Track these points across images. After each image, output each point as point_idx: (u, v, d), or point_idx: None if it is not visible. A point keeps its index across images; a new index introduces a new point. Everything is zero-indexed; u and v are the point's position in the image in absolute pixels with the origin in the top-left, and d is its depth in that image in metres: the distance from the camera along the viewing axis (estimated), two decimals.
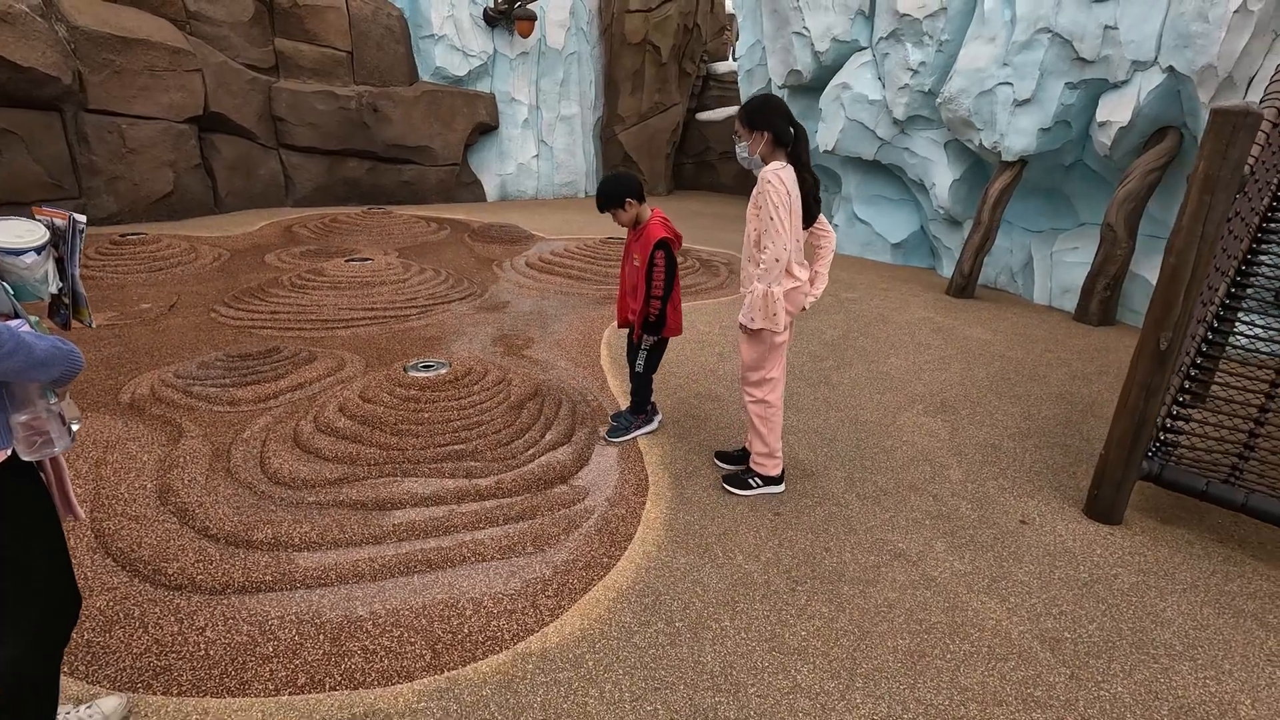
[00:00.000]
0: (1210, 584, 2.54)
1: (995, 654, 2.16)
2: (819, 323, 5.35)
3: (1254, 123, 2.36)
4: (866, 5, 7.18)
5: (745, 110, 2.72)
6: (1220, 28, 4.75)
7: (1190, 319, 2.68)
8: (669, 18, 11.87)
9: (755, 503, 2.92)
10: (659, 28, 11.87)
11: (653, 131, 12.64)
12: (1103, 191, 6.06)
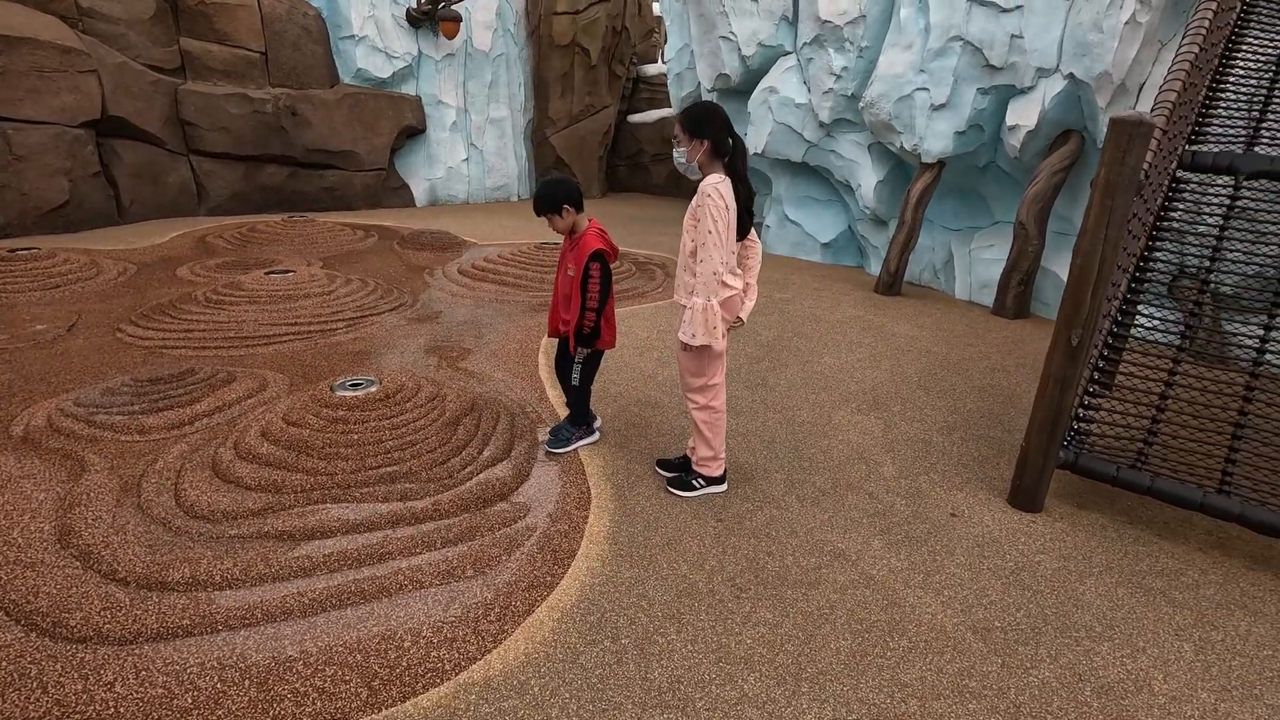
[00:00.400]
0: (1123, 565, 2.70)
1: (932, 648, 2.23)
2: (755, 324, 5.43)
3: (1147, 131, 2.52)
4: (790, 11, 7.34)
5: (687, 117, 2.72)
6: (1114, 38, 5.07)
7: (1098, 315, 2.84)
8: (597, 20, 11.84)
9: (698, 509, 2.93)
10: (587, 30, 11.83)
11: (584, 134, 12.58)
12: (1014, 191, 6.38)
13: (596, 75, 12.42)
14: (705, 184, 2.69)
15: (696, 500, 3.00)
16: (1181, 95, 3.31)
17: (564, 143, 12.50)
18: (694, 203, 2.73)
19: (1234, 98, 4.18)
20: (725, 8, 7.51)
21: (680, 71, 9.04)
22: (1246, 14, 4.49)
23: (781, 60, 7.54)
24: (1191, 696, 2.09)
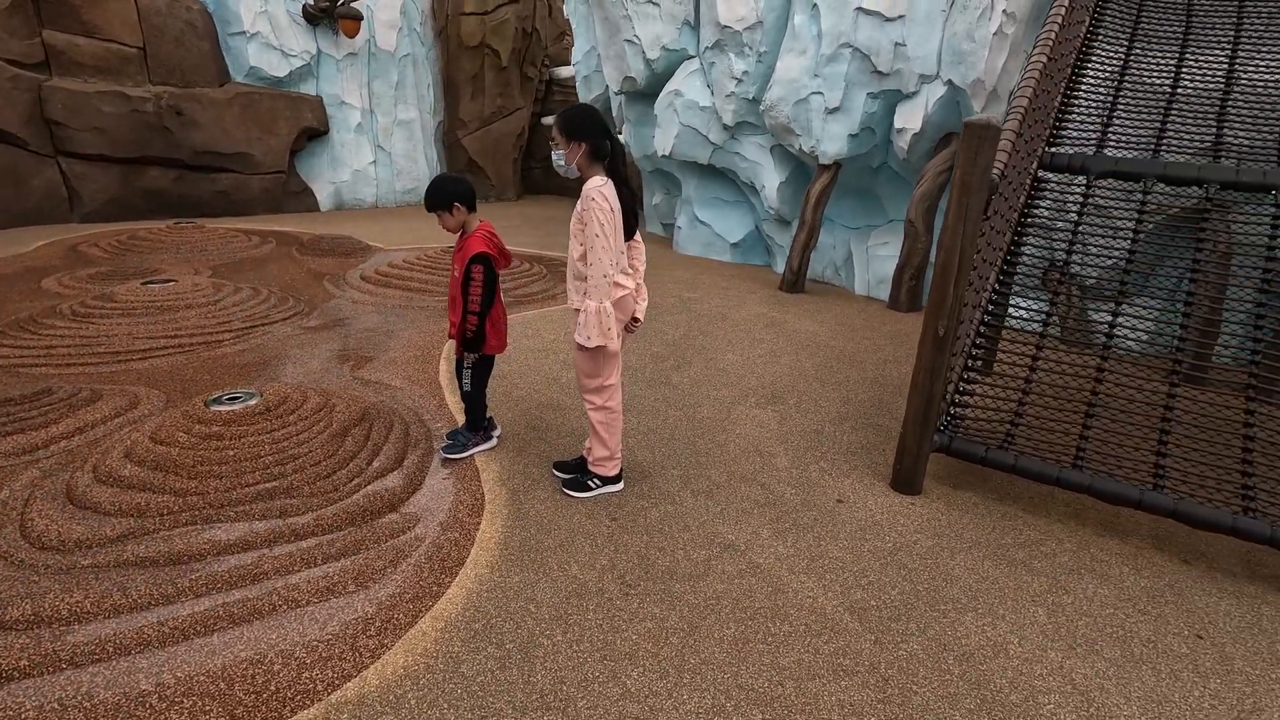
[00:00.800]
0: (990, 539, 2.89)
1: (811, 630, 2.31)
2: (662, 324, 5.50)
3: (995, 134, 2.71)
4: (692, 16, 7.47)
5: (564, 119, 2.73)
6: (984, 47, 5.42)
7: (961, 306, 3.03)
8: (506, 21, 11.70)
9: (593, 510, 2.94)
10: (496, 31, 11.67)
11: (497, 136, 12.41)
12: (905, 191, 6.71)
13: (508, 77, 12.27)
14: (588, 187, 2.71)
15: (592, 500, 3.00)
16: (1034, 101, 3.57)
17: (477, 145, 12.29)
18: (579, 207, 2.74)
19: (1086, 103, 4.55)
20: (629, 12, 7.57)
21: (588, 74, 9.06)
22: (1095, 27, 4.89)
23: (686, 64, 7.66)
24: (1042, 657, 2.25)
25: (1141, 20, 4.93)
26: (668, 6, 7.44)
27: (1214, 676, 2.21)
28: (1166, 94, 4.44)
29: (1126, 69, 4.66)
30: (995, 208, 3.31)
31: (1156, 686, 2.15)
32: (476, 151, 12.27)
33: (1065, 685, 2.13)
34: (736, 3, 6.81)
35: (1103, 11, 4.98)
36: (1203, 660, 2.27)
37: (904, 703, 2.04)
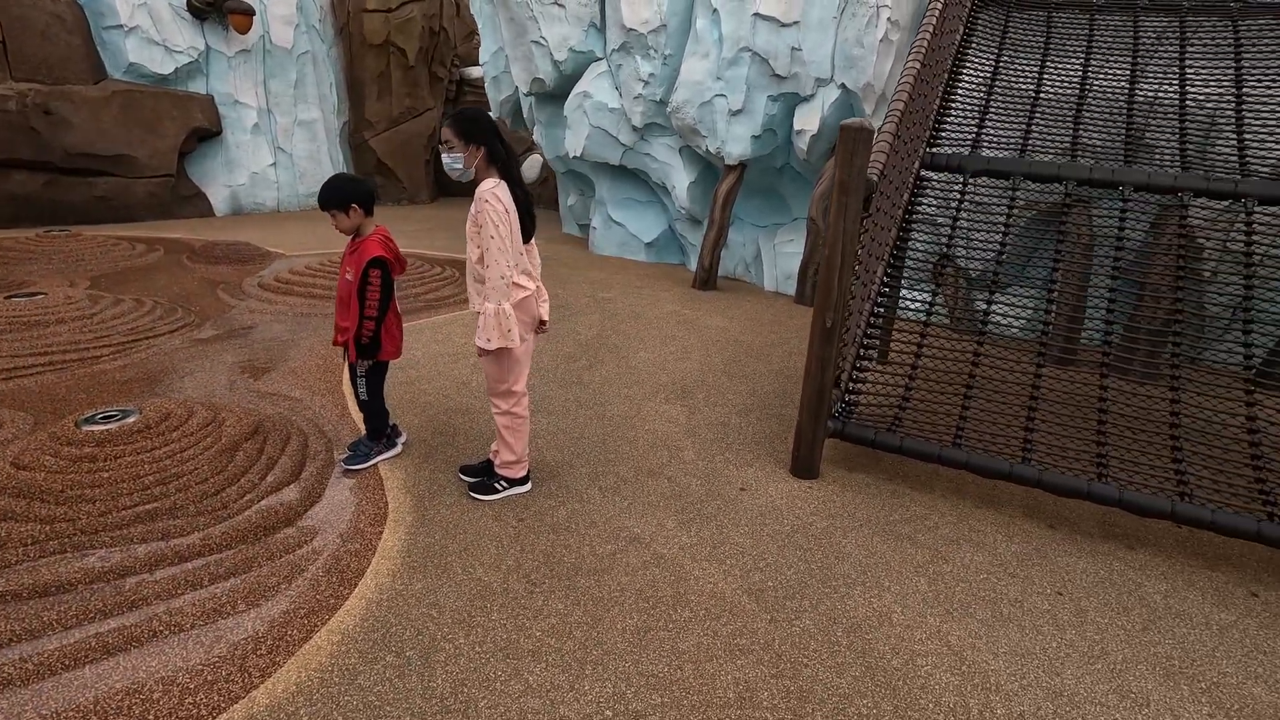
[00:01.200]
0: (880, 517, 3.07)
1: (711, 614, 2.39)
2: (575, 324, 5.52)
3: (868, 137, 2.88)
4: (598, 18, 7.52)
5: (459, 122, 2.72)
6: (872, 53, 5.72)
7: (848, 299, 3.20)
8: (412, 19, 11.42)
9: (500, 511, 2.93)
10: (402, 29, 11.37)
11: (407, 137, 12.10)
12: (807, 190, 6.99)
13: (416, 76, 11.98)
14: (482, 189, 2.71)
15: (499, 502, 3.00)
16: (910, 105, 3.81)
17: (385, 146, 11.94)
18: (473, 210, 2.73)
19: (962, 107, 4.88)
20: (534, 13, 7.54)
21: (497, 75, 8.97)
22: (969, 36, 5.25)
23: (594, 65, 7.70)
24: (922, 622, 2.41)
25: (1009, 30, 5.33)
26: (573, 8, 7.46)
27: (1070, 628, 2.43)
28: (1031, 98, 4.81)
29: (997, 75, 5.02)
30: (877, 205, 3.51)
31: (1021, 641, 2.35)
32: (385, 153, 11.93)
33: (941, 647, 2.30)
34: (640, 6, 6.90)
35: (975, 22, 5.35)
36: (1061, 614, 2.50)
37: (795, 675, 2.14)
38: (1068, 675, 2.21)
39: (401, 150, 12.09)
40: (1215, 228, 4.44)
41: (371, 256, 2.95)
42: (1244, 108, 4.35)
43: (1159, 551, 2.93)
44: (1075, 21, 5.29)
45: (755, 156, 6.72)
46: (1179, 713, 2.09)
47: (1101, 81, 4.78)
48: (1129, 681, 2.20)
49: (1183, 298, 3.86)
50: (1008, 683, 2.16)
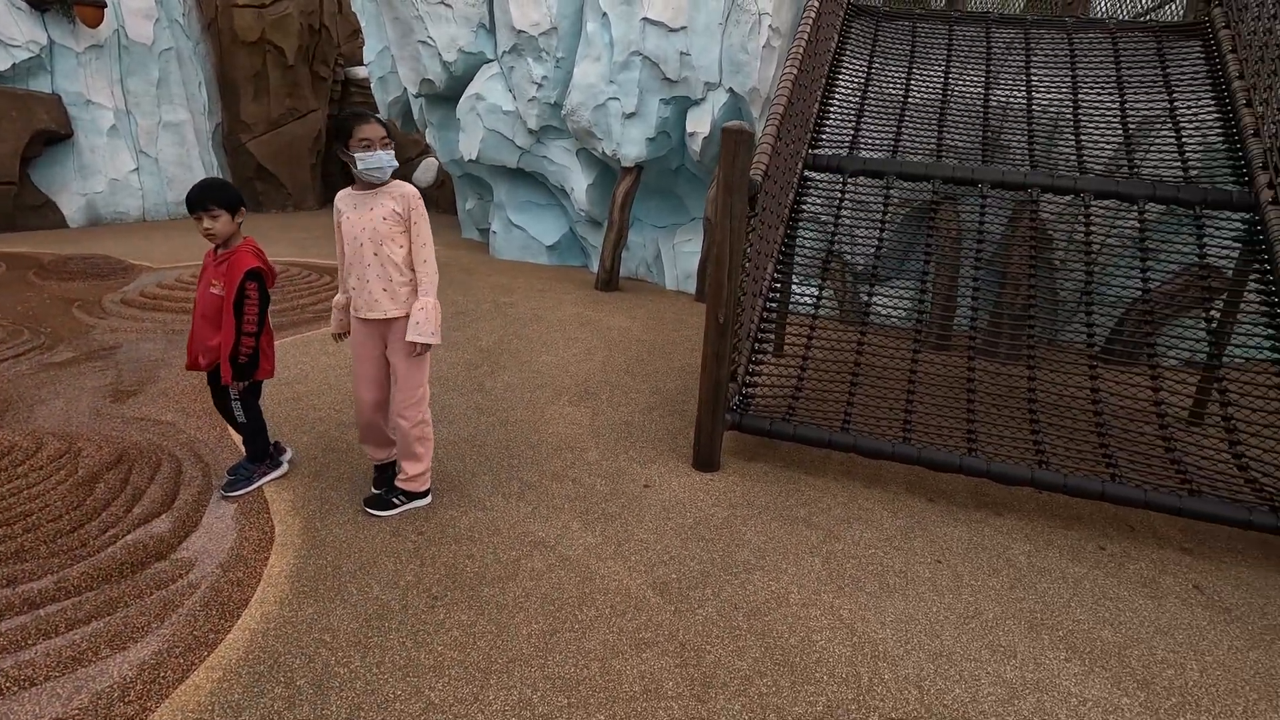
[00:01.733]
0: (777, 503, 3.19)
1: (616, 611, 2.42)
2: (476, 330, 5.41)
3: (748, 139, 3.00)
4: (487, 19, 7.40)
5: (382, 121, 2.68)
6: (756, 58, 5.94)
7: (739, 296, 3.31)
8: (288, 16, 10.81)
9: (399, 526, 2.84)
10: (278, 26, 10.75)
11: (290, 139, 11.44)
12: (703, 190, 7.17)
13: (296, 76, 11.35)
14: (408, 189, 2.73)
15: (397, 518, 2.90)
16: (790, 108, 3.99)
17: (266, 150, 11.25)
18: (398, 208, 2.70)
19: (840, 110, 5.16)
20: (420, 12, 7.33)
21: (383, 75, 8.65)
22: (843, 43, 5.56)
23: (485, 67, 7.58)
24: (817, 600, 2.54)
25: (878, 39, 5.68)
26: (461, 9, 7.31)
27: (948, 593, 2.63)
28: (900, 103, 5.16)
29: (870, 81, 5.35)
30: (764, 204, 3.66)
31: (905, 609, 2.52)
32: (266, 156, 11.24)
33: (835, 622, 2.43)
34: (529, 8, 6.86)
35: (848, 31, 5.67)
36: (940, 580, 2.70)
37: (699, 663, 2.20)
38: (946, 637, 2.38)
39: (285, 154, 11.43)
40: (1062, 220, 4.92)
41: (248, 268, 2.78)
42: (1080, 112, 4.84)
43: (1023, 515, 3.21)
44: (936, 32, 5.71)
45: (651, 158, 6.83)
46: (1040, 660, 2.30)
47: (961, 87, 5.18)
48: (999, 637, 2.40)
49: (1037, 284, 4.25)
50: (894, 649, 2.31)
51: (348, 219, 2.71)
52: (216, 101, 10.95)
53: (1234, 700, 2.18)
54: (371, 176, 2.66)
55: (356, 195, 2.73)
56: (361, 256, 2.71)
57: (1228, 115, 4.49)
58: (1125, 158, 4.59)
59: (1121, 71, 5.05)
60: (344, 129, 2.63)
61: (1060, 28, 5.53)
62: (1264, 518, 2.84)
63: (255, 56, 10.75)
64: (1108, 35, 5.38)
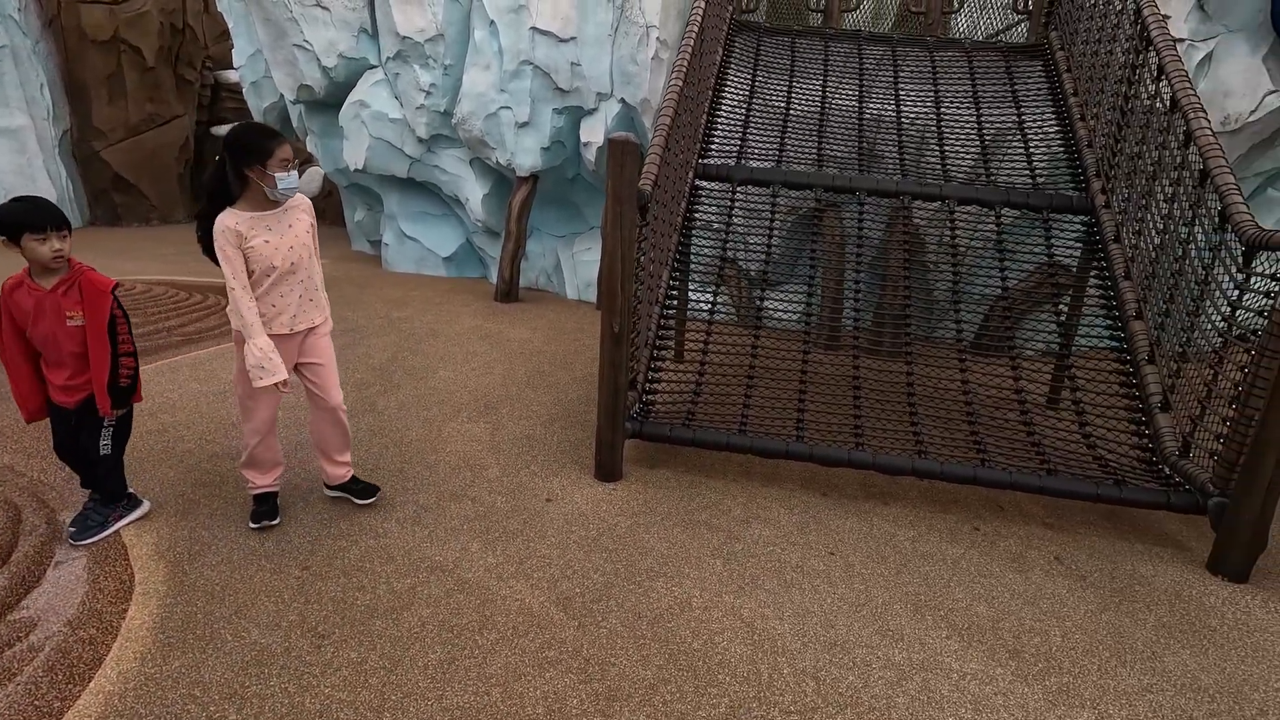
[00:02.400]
0: (679, 509, 3.23)
1: (519, 632, 2.36)
2: (367, 347, 5.17)
3: (634, 150, 3.03)
4: (369, 24, 7.12)
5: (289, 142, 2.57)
6: (646, 69, 6.03)
7: (634, 304, 3.33)
8: (146, 14, 9.98)
9: (280, 562, 2.65)
10: (134, 25, 9.90)
11: (153, 148, 10.55)
12: (601, 199, 7.20)
13: (158, 79, 10.49)
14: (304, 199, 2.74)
15: (279, 553, 2.71)
16: (677, 119, 4.07)
17: (125, 158, 10.31)
18: (311, 220, 2.74)
19: (727, 121, 5.32)
20: (294, 15, 6.95)
21: (257, 80, 8.15)
22: (727, 56, 5.75)
23: (369, 73, 7.28)
24: (719, 602, 2.58)
25: (760, 52, 5.91)
26: (340, 12, 7.00)
27: (841, 583, 2.74)
28: (783, 114, 5.38)
29: (754, 93, 5.55)
30: (655, 213, 3.70)
31: (802, 602, 2.61)
32: (125, 166, 10.31)
33: (736, 622, 2.48)
34: (414, 14, 6.65)
35: (732, 44, 5.87)
36: (834, 571, 2.81)
37: (603, 676, 2.18)
38: (840, 626, 2.48)
39: (147, 164, 10.52)
40: (931, 225, 5.28)
41: (110, 286, 2.53)
42: (943, 125, 5.23)
43: (907, 503, 3.41)
44: (813, 48, 6.00)
45: (547, 168, 6.78)
46: (925, 640, 2.44)
47: (838, 100, 5.47)
48: (888, 621, 2.53)
49: (912, 285, 4.54)
50: (792, 643, 2.38)
51: (265, 243, 2.52)
52: (64, 106, 9.94)
53: (1090, 660, 2.39)
54: (287, 196, 2.57)
55: (263, 217, 2.54)
56: (284, 278, 2.60)
57: (1066, 128, 4.98)
58: (983, 166, 5.00)
59: (977, 87, 5.49)
60: (262, 149, 2.44)
61: (923, 46, 5.96)
62: (1109, 490, 3.15)
63: (108, 57, 9.85)
64: (964, 54, 5.85)
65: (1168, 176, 3.79)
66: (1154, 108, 4.01)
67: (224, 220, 2.49)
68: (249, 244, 2.51)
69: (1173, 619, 2.63)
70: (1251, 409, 2.80)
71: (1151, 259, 3.84)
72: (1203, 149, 3.44)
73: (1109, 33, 4.68)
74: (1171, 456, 3.29)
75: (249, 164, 2.47)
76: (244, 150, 2.46)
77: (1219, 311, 3.18)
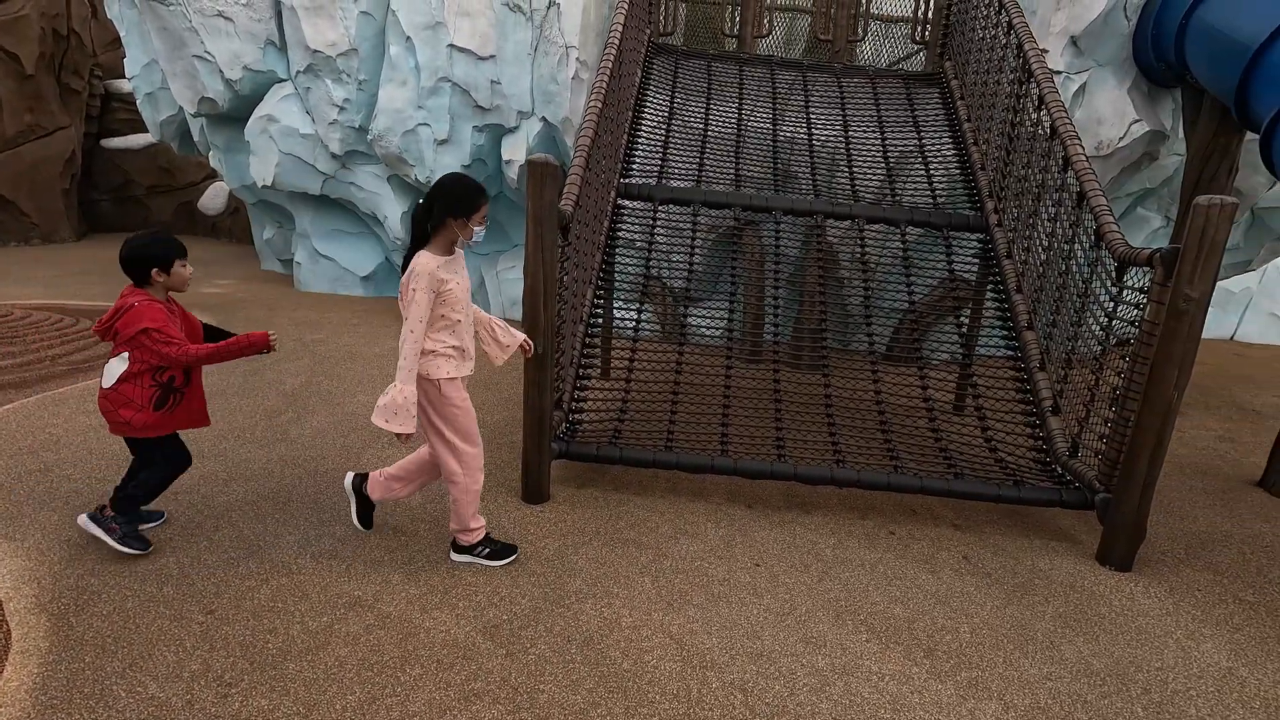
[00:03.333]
0: (608, 528, 3.23)
1: (443, 665, 2.29)
2: (278, 372, 4.93)
3: (554, 171, 3.04)
4: (276, 36, 6.86)
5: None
6: (566, 89, 6.07)
7: (558, 324, 3.33)
8: (24, 18, 9.28)
9: (181, 608, 2.48)
10: (10, 30, 9.19)
11: (34, 161, 9.79)
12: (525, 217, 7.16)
13: (39, 88, 9.77)
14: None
15: (179, 598, 2.53)
16: (597, 140, 4.11)
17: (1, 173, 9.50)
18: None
19: (648, 141, 5.41)
20: (194, 24, 6.62)
21: (152, 91, 7.70)
22: (646, 79, 5.86)
23: (277, 87, 7.02)
24: (648, 620, 2.59)
25: (679, 75, 6.06)
26: (245, 24, 6.72)
27: (766, 594, 2.80)
28: (702, 135, 5.52)
29: (673, 115, 5.67)
30: (577, 233, 3.72)
31: (729, 615, 2.65)
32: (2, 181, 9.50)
33: (665, 639, 2.49)
34: (325, 27, 6.47)
35: (650, 67, 5.99)
36: (759, 583, 2.87)
37: (532, 705, 2.14)
38: (766, 637, 2.54)
39: (28, 178, 9.74)
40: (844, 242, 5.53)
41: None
42: (851, 147, 5.50)
43: (828, 511, 3.53)
44: (729, 71, 6.20)
45: None
46: (846, 645, 2.52)
47: (753, 123, 5.67)
48: (811, 629, 2.60)
49: (828, 299, 4.73)
50: (720, 657, 2.41)
51: (458, 284, 2.61)
52: None
53: (996, 653, 2.53)
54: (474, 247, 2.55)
55: (450, 261, 2.60)
56: (466, 318, 2.67)
57: (962, 151, 5.33)
58: (889, 187, 5.28)
59: (881, 112, 5.81)
60: (472, 203, 2.55)
61: (831, 72, 6.26)
62: (1009, 491, 3.37)
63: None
64: (869, 80, 6.18)
65: (1050, 197, 4.11)
66: (1037, 134, 4.35)
67: (428, 264, 2.51)
68: (446, 287, 2.55)
69: (1068, 609, 2.83)
70: (1128, 411, 3.06)
71: (1039, 273, 4.15)
72: (1079, 173, 3.76)
73: (996, 64, 5.06)
74: (1063, 456, 3.55)
75: (456, 214, 2.53)
76: (456, 201, 2.54)
77: (1098, 321, 3.47)
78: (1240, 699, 2.39)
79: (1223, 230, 2.75)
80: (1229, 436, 5.14)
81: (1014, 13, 4.87)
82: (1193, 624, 2.80)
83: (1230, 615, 2.88)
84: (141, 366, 2.64)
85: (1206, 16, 4.74)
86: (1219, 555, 3.37)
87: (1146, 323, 3.01)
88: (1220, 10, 4.66)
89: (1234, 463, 4.61)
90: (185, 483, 3.31)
